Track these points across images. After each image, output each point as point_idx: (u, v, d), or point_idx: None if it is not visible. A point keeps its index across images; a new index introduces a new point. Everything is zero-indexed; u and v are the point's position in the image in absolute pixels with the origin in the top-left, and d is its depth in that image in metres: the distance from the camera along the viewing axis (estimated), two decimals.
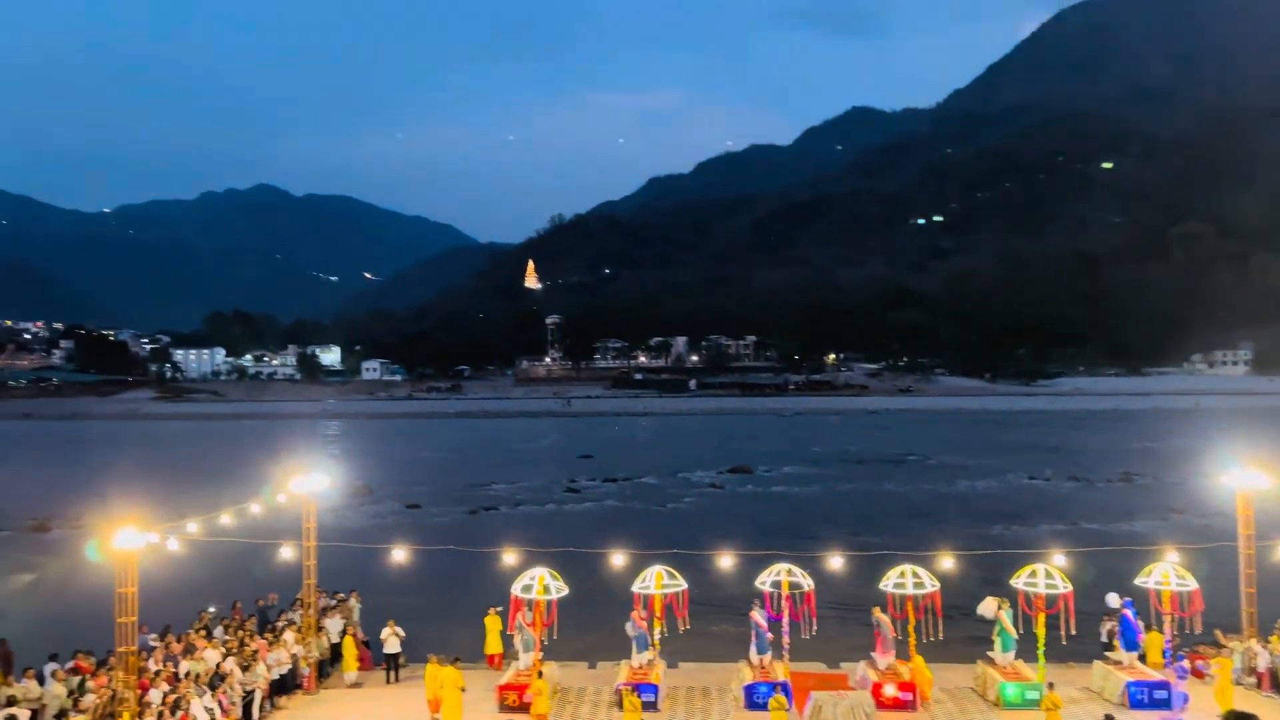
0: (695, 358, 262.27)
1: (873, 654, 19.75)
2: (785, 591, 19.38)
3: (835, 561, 20.31)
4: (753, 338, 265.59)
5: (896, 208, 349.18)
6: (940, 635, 19.33)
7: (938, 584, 19.13)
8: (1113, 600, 20.44)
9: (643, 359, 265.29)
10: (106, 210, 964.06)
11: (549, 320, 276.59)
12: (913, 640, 19.11)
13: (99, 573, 17.61)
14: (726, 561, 20.48)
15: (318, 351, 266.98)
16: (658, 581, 19.47)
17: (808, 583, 19.48)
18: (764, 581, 19.71)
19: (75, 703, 16.59)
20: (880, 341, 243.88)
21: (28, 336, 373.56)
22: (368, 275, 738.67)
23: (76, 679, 17.48)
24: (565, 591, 19.22)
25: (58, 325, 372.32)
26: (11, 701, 16.94)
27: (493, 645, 21.15)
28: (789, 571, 19.49)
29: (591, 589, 22.54)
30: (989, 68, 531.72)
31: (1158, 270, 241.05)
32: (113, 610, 15.06)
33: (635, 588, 19.57)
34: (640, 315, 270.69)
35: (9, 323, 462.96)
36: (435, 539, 39.41)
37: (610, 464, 77.43)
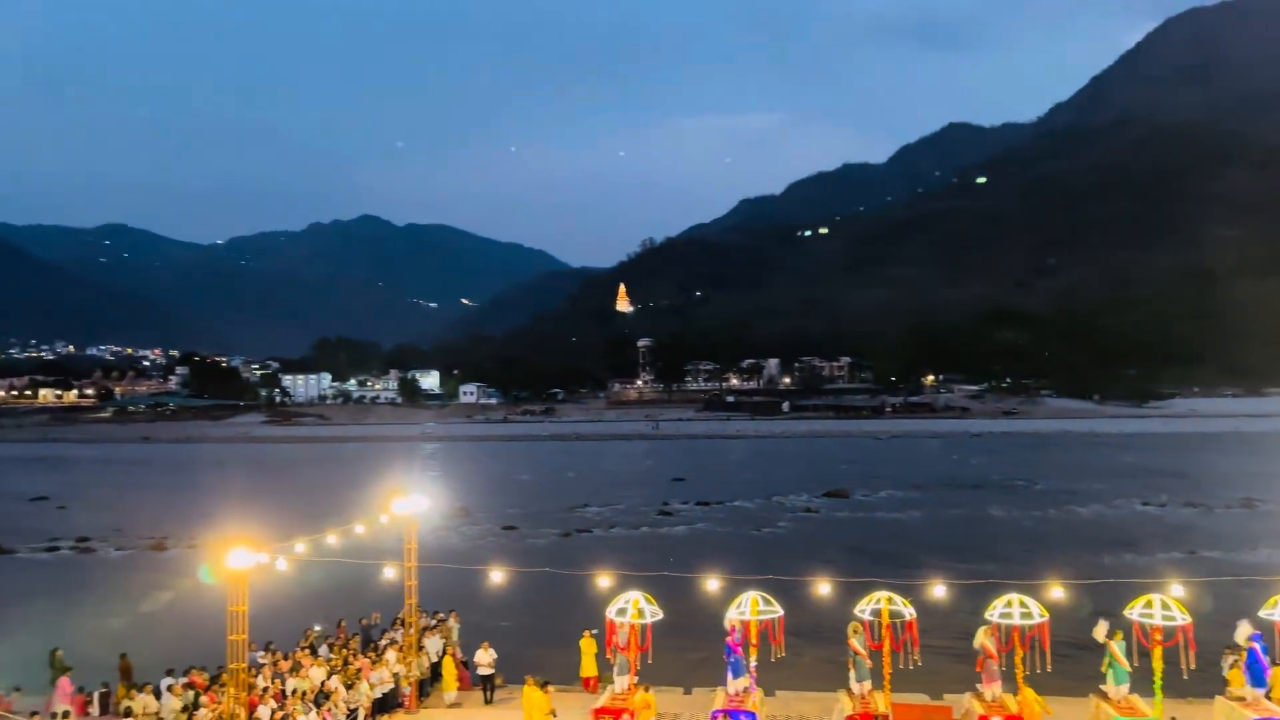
0: (788, 380, 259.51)
1: (978, 685, 19.03)
2: (885, 620, 18.85)
3: (938, 590, 19.67)
4: (847, 359, 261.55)
5: (997, 225, 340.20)
6: (1049, 668, 18.51)
7: (1047, 614, 18.33)
8: (1242, 631, 19.22)
9: (734, 381, 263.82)
10: (220, 242, 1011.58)
11: (640, 343, 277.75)
12: (1020, 672, 18.34)
13: (212, 591, 18.31)
14: (824, 588, 20.04)
15: (417, 376, 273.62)
16: (753, 607, 19.15)
17: (909, 611, 18.90)
18: (863, 610, 19.21)
19: (190, 717, 17.22)
20: (982, 362, 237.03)
21: (146, 363, 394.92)
22: (465, 301, 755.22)
23: (191, 694, 18.19)
24: (660, 615, 19.09)
25: (174, 353, 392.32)
26: (129, 713, 17.72)
27: (588, 668, 21.15)
28: (889, 600, 18.94)
29: (686, 613, 22.37)
30: (1092, 79, 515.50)
31: (1277, 285, 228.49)
32: (224, 627, 15.57)
33: (730, 613, 19.31)
34: (731, 337, 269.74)
35: (130, 350, 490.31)
36: (531, 561, 39.82)
37: (703, 487, 77.02)
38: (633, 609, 18.81)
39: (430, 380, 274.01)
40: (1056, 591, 18.93)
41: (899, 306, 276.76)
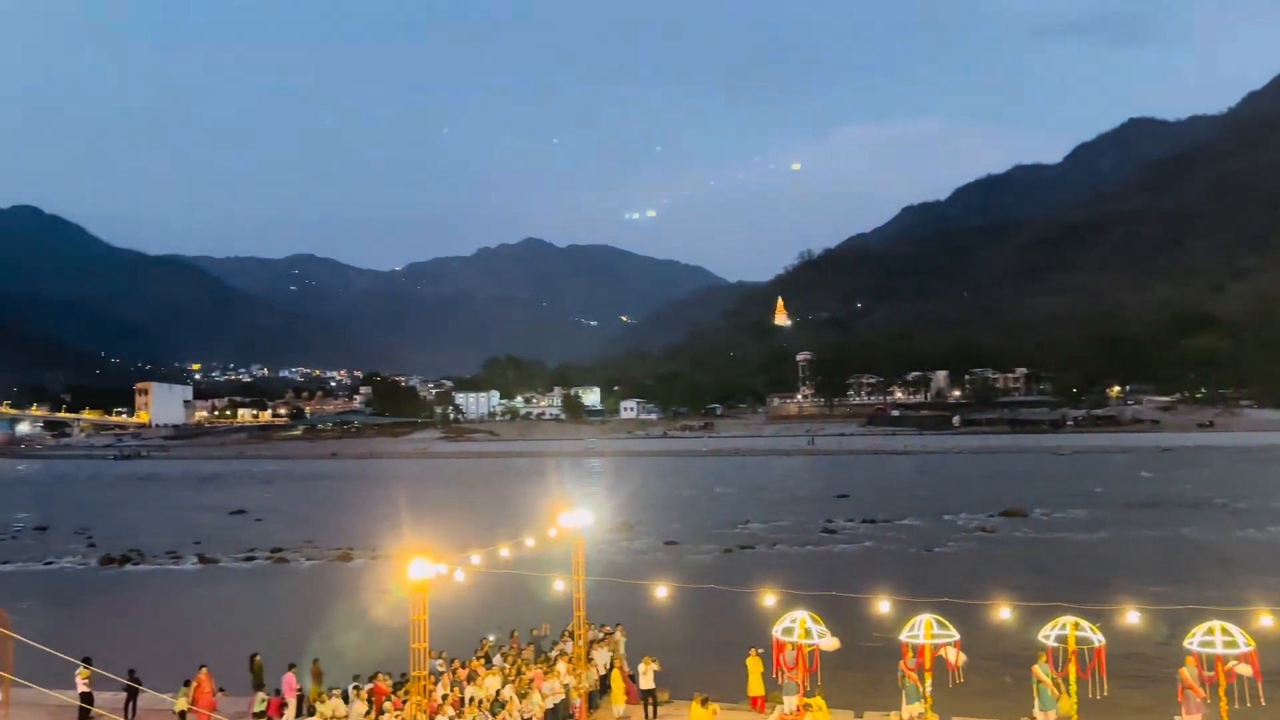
0: (958, 393, 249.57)
1: (1176, 718, 17.65)
2: (1072, 646, 17.79)
3: (1131, 616, 18.38)
4: (1023, 370, 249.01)
5: (1185, 225, 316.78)
6: (1262, 700, 16.95)
7: (1253, 643, 16.80)
8: None
9: (899, 395, 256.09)
10: (398, 268, 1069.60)
11: (799, 357, 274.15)
12: (1224, 705, 16.88)
13: (394, 600, 19.28)
14: (1004, 612, 19.09)
15: (580, 393, 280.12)
16: (927, 630, 18.49)
17: (1098, 638, 17.77)
18: (1047, 635, 18.21)
19: None
20: (1173, 372, 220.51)
21: (333, 384, 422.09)
22: (624, 318, 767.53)
23: (373, 699, 19.17)
24: (827, 635, 18.71)
25: (358, 373, 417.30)
26: (311, 711, 18.88)
27: (755, 687, 20.93)
28: (1076, 625, 17.87)
29: (855, 634, 21.82)
30: None
31: None
32: (406, 636, 16.31)
33: (903, 636, 18.70)
34: (895, 349, 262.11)
35: (318, 372, 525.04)
36: (693, 576, 39.84)
37: (868, 504, 75.03)
38: (799, 628, 18.53)
39: (592, 397, 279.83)
40: (1264, 619, 17.37)
41: (1078, 313, 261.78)
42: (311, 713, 18.81)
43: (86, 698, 21.26)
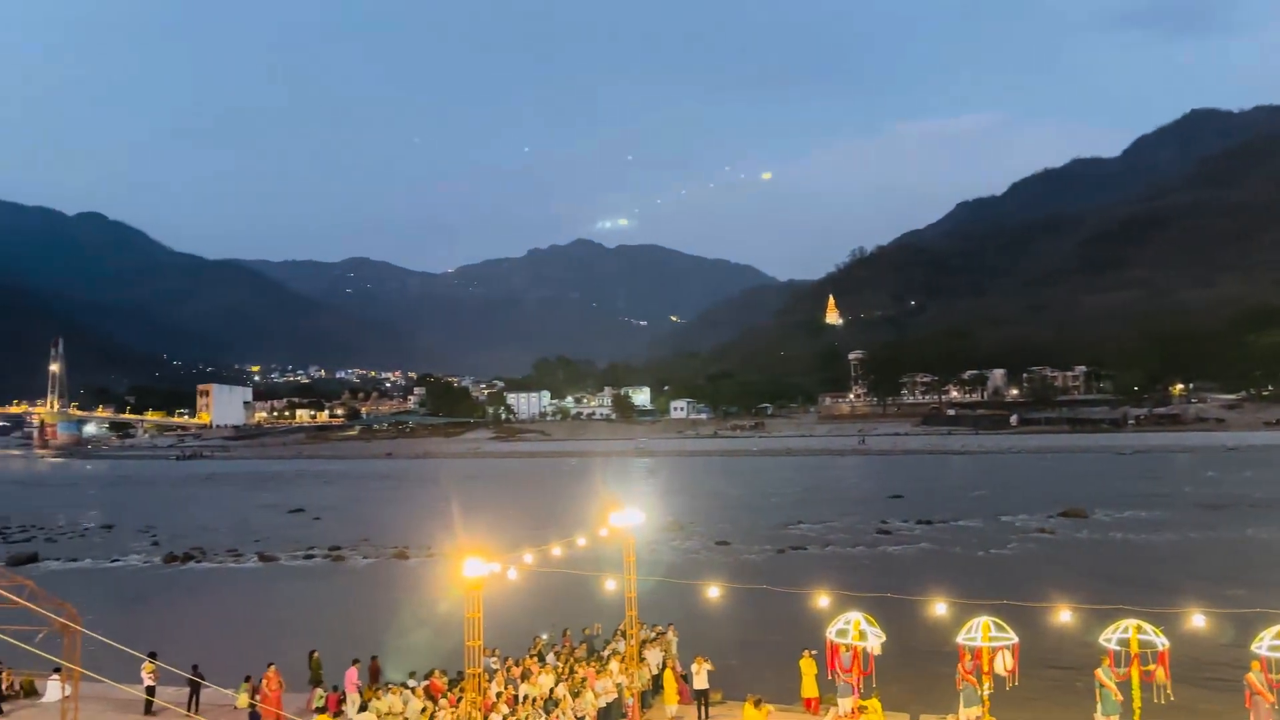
0: (1015, 391, 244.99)
1: None
2: (1134, 650, 17.36)
3: (1196, 619, 17.88)
4: (1082, 368, 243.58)
5: (1250, 218, 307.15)
6: None
7: None
8: None
9: (955, 394, 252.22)
10: (450, 271, 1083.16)
11: (851, 355, 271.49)
12: None
13: (449, 597, 19.48)
14: (1064, 615, 18.69)
15: (630, 392, 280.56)
16: (985, 633, 18.18)
17: (1161, 641, 17.33)
18: (1109, 638, 17.79)
19: (431, 718, 18.34)
20: (1238, 368, 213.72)
21: (388, 385, 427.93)
22: (674, 318, 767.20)
23: (429, 696, 19.40)
24: (882, 638, 18.50)
25: (412, 374, 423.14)
26: (364, 707, 19.16)
27: (809, 688, 20.77)
28: (1139, 628, 17.43)
29: (910, 636, 21.56)
30: None
31: None
32: (461, 633, 16.44)
33: (960, 639, 18.41)
34: (951, 347, 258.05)
35: (373, 373, 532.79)
36: (744, 577, 39.68)
37: (923, 505, 74.02)
38: (854, 630, 18.36)
39: (642, 397, 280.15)
40: None
41: (1139, 310, 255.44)
42: (364, 710, 19.08)
43: (151, 691, 21.85)
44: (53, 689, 22.06)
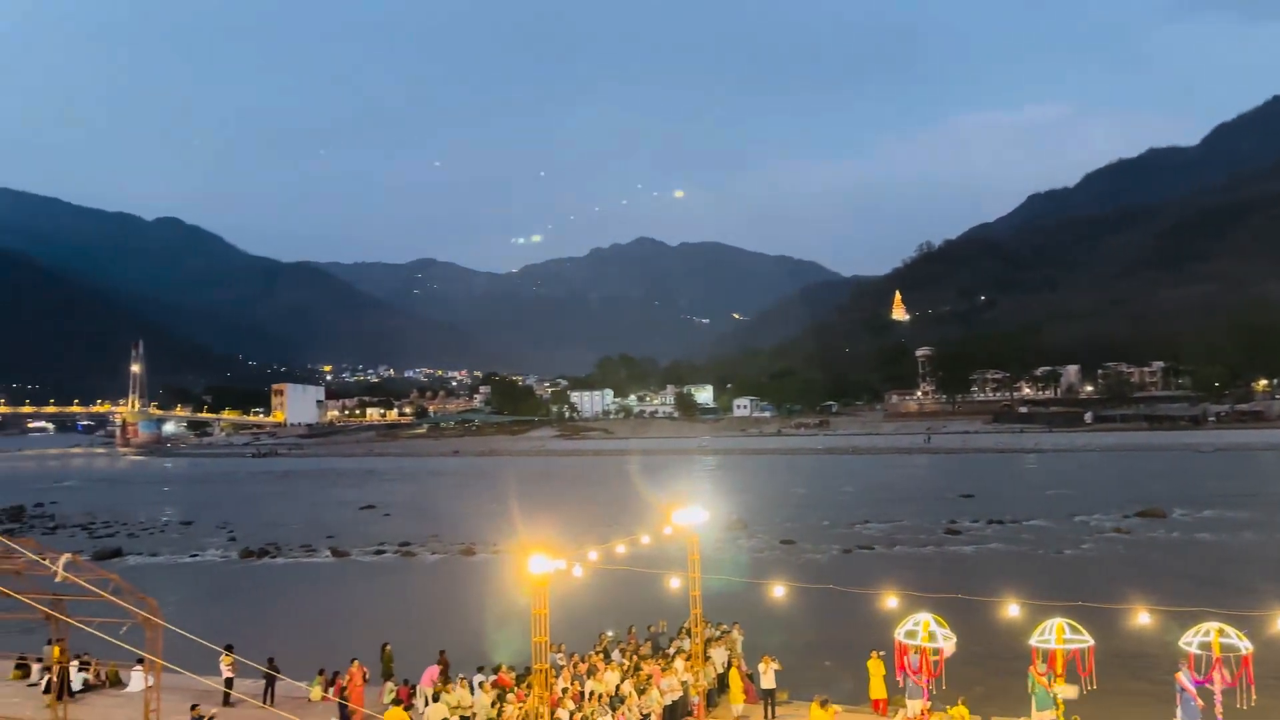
0: (1090, 388, 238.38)
1: None
2: (1216, 654, 16.74)
3: None
4: (1160, 364, 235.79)
5: None
6: None
7: None
8: None
9: (1027, 391, 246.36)
10: (514, 271, 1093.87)
11: (919, 352, 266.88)
12: None
13: (515, 594, 19.69)
14: (1142, 617, 18.12)
15: (692, 391, 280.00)
16: (1058, 635, 17.74)
17: (1245, 645, 16.68)
18: (1189, 641, 17.20)
19: (499, 712, 18.54)
20: None
21: (454, 384, 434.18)
22: (736, 316, 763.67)
23: (497, 690, 19.60)
24: (953, 639, 18.17)
25: (477, 373, 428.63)
26: (436, 698, 19.45)
27: (877, 690, 20.50)
28: (1220, 631, 16.81)
29: (981, 638, 21.14)
30: None
31: None
32: (527, 629, 16.57)
33: (1033, 640, 17.98)
34: (1022, 344, 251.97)
35: (440, 372, 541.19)
36: (810, 576, 39.34)
37: (993, 504, 72.50)
38: (923, 631, 18.06)
39: (705, 395, 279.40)
40: None
41: (1219, 303, 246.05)
42: (433, 700, 19.37)
43: (229, 683, 22.49)
44: (136, 679, 22.87)
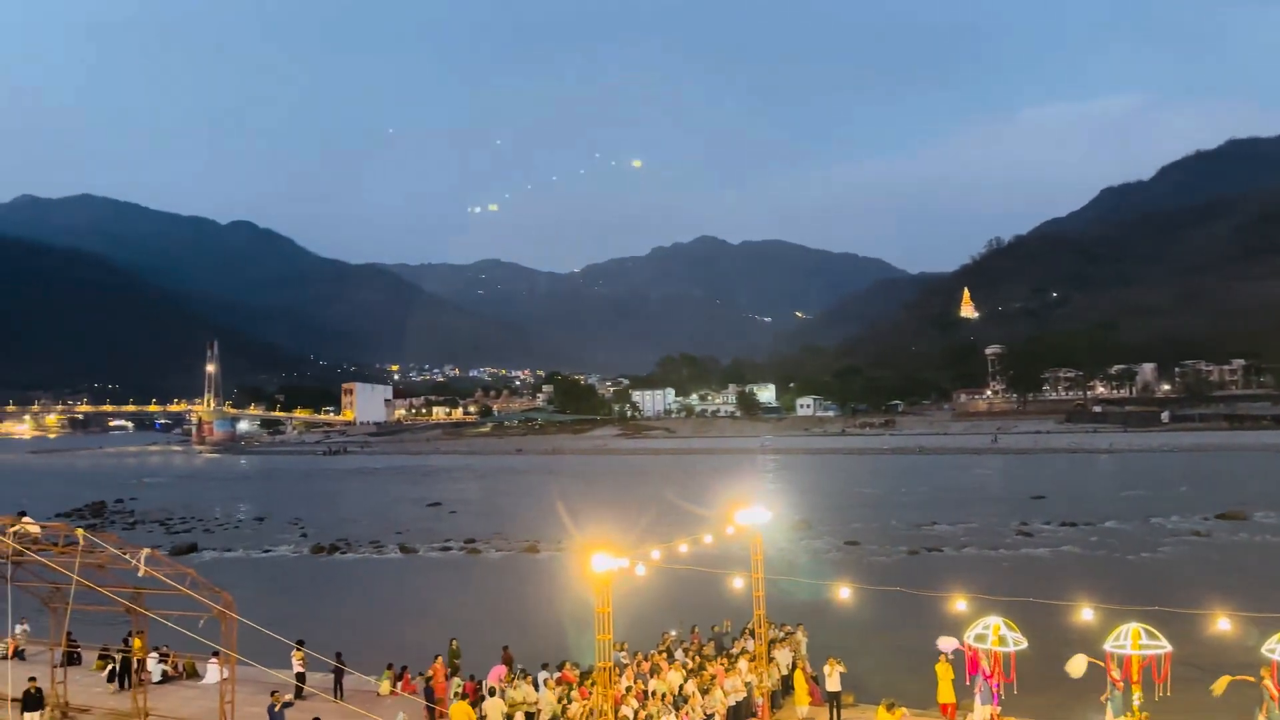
0: (1167, 386, 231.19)
1: None
2: None
3: None
4: (1240, 361, 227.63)
5: None
6: None
7: None
8: None
9: (1100, 389, 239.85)
10: (576, 270, 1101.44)
11: (988, 350, 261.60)
12: None
13: (579, 591, 19.78)
14: (1223, 623, 17.48)
15: (754, 390, 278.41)
16: (1134, 640, 17.20)
17: None
18: (1272, 648, 16.56)
19: (563, 709, 18.65)
20: None
21: (518, 383, 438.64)
22: (799, 314, 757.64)
23: (562, 687, 19.72)
24: (1024, 644, 17.76)
25: (540, 372, 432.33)
26: (495, 693, 19.61)
27: (945, 694, 20.12)
28: None
29: (1054, 643, 20.59)
30: None
31: None
32: (590, 627, 16.63)
33: (1107, 645, 17.47)
34: (1096, 341, 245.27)
35: (504, 371, 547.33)
36: (876, 578, 38.80)
37: (1066, 506, 70.70)
38: (993, 635, 17.69)
39: (767, 394, 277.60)
40: None
41: None
42: (493, 694, 19.55)
43: (301, 677, 23.03)
44: (212, 672, 23.55)
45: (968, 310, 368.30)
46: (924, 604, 23.89)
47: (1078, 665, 17.59)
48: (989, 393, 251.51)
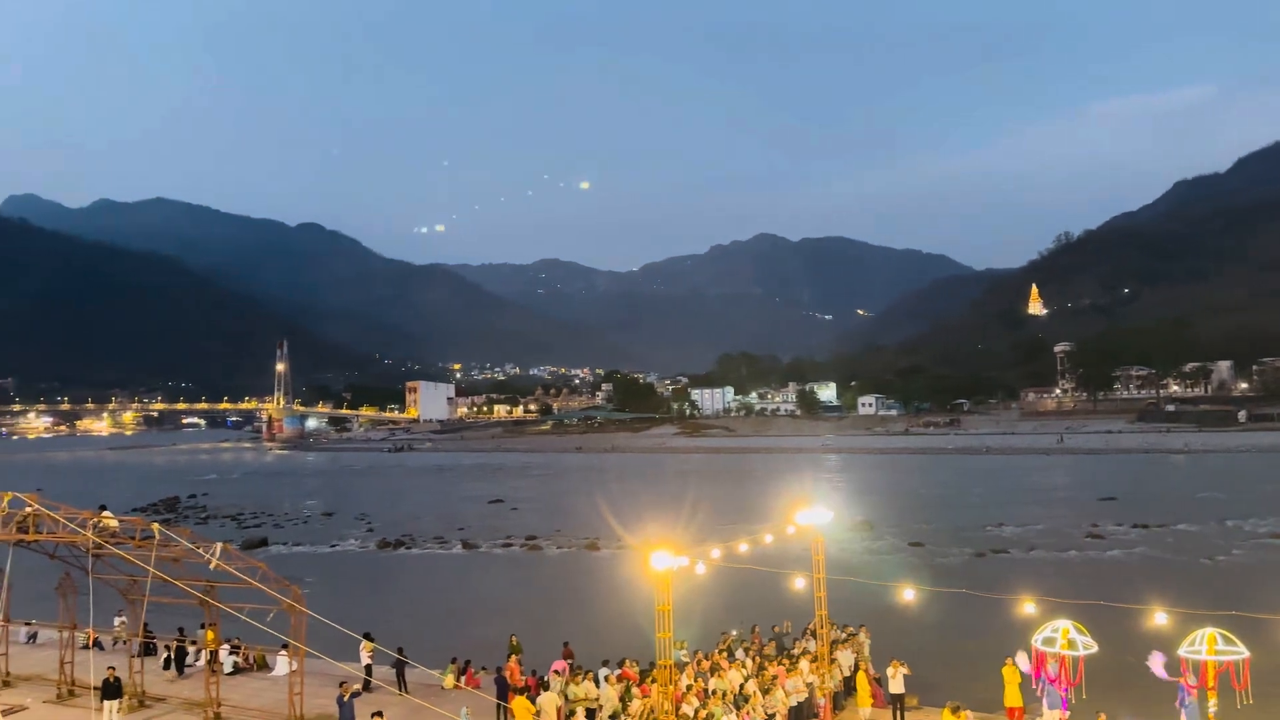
0: (1244, 385, 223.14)
1: None
2: None
3: None
4: None
5: None
6: None
7: None
8: None
9: (1174, 388, 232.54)
10: (635, 269, 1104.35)
11: (1057, 348, 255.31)
12: None
13: (638, 589, 19.84)
14: None
15: (815, 388, 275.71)
16: (1210, 645, 16.68)
17: None
18: None
19: (624, 706, 18.70)
20: None
21: (577, 381, 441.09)
22: (860, 312, 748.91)
23: (622, 684, 19.78)
24: (1094, 648, 17.33)
25: (599, 371, 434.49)
26: (550, 686, 19.73)
27: (1012, 698, 19.72)
28: None
29: (1125, 648, 20.05)
30: None
31: None
32: (650, 625, 16.66)
33: (1182, 651, 16.97)
34: (1169, 338, 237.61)
35: (563, 370, 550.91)
36: (941, 580, 38.20)
37: (1138, 508, 68.69)
38: (1062, 638, 17.30)
39: (828, 392, 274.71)
40: None
41: None
42: (544, 686, 19.68)
43: (369, 670, 23.46)
44: (281, 664, 24.13)
45: (1036, 307, 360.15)
46: (990, 607, 23.45)
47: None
48: (1058, 391, 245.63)
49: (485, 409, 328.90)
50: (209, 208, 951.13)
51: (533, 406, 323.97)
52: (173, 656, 25.20)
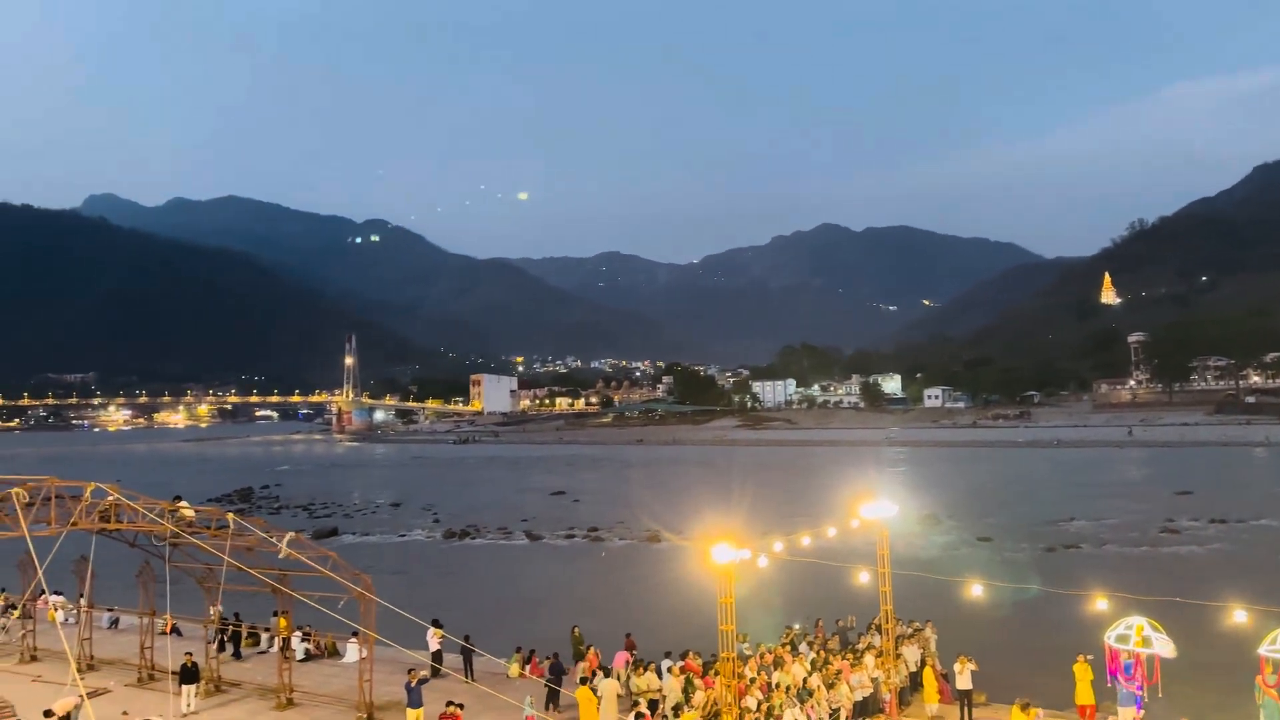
0: None
1: None
2: None
3: None
4: None
5: None
6: None
7: None
8: None
9: (1254, 379, 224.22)
10: (695, 261, 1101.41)
11: (1131, 338, 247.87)
12: None
13: (701, 582, 19.85)
14: None
15: (879, 380, 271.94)
16: None
17: None
18: None
19: (687, 698, 18.76)
20: None
21: (638, 374, 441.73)
22: (926, 302, 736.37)
23: (684, 676, 19.84)
24: (1169, 645, 16.85)
25: (660, 363, 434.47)
26: (610, 674, 19.80)
27: (1083, 695, 19.28)
28: None
29: (1202, 646, 19.51)
30: None
31: None
32: (712, 617, 16.67)
33: (1262, 649, 16.41)
34: (1249, 328, 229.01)
35: (624, 363, 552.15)
36: (1010, 575, 37.40)
37: (1216, 502, 66.48)
38: (1136, 635, 16.86)
39: (892, 384, 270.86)
40: None
41: None
42: (597, 674, 19.80)
43: (438, 656, 23.90)
44: (352, 651, 24.71)
45: (1109, 296, 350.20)
46: (1061, 603, 22.96)
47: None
48: (1132, 383, 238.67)
49: (547, 401, 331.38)
50: (279, 205, 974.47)
51: (594, 399, 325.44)
52: (226, 638, 25.87)
